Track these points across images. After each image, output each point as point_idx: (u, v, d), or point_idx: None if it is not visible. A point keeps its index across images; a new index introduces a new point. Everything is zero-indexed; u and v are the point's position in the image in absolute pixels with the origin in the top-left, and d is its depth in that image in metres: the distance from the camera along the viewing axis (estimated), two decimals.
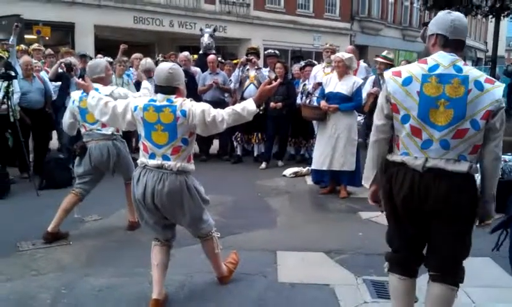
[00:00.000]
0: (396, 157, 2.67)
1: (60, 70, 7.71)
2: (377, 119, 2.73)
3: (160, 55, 10.87)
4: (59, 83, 7.68)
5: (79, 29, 17.99)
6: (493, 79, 2.58)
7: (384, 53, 7.98)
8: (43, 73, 7.91)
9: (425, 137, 2.54)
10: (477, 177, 2.63)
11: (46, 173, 6.81)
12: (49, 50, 9.74)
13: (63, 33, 18.15)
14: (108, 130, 4.81)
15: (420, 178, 2.56)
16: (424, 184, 2.55)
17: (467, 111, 2.47)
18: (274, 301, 3.59)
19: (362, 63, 8.85)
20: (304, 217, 5.72)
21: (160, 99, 3.31)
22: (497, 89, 2.50)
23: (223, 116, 3.32)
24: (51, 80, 7.72)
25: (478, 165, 2.61)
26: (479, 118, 2.47)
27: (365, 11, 28.15)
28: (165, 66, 3.40)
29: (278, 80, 3.73)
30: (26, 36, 15.30)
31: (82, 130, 4.86)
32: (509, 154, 6.08)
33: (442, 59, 2.55)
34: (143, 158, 3.39)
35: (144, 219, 3.51)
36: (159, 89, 3.35)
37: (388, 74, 2.69)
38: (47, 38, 15.44)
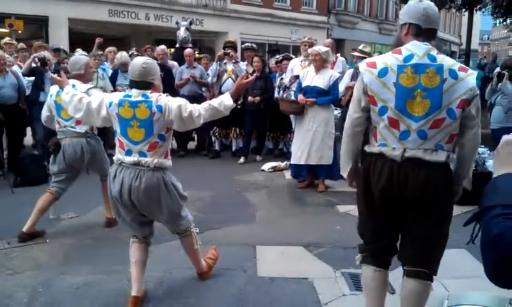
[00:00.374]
0: (374, 148, 2.66)
1: (34, 65, 7.56)
2: (353, 112, 2.71)
3: (134, 49, 10.73)
4: (32, 78, 7.54)
5: (53, 22, 17.67)
6: (466, 67, 2.59)
7: (360, 47, 8.05)
8: (15, 68, 7.76)
9: (403, 128, 2.54)
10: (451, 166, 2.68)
11: (20, 169, 6.69)
12: (22, 44, 9.54)
13: (37, 27, 17.82)
14: (82, 128, 4.73)
15: (399, 167, 2.55)
16: (402, 173, 2.55)
17: (443, 101, 2.48)
18: (254, 296, 3.61)
19: (340, 57, 8.90)
20: (282, 212, 5.75)
21: (136, 94, 3.25)
22: (471, 77, 2.52)
23: (200, 111, 3.29)
24: (24, 75, 7.56)
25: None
26: (454, 106, 2.48)
27: (341, 4, 28.31)
28: (139, 61, 3.36)
29: (255, 74, 3.73)
30: None
31: (57, 127, 4.78)
32: (483, 146, 6.20)
33: (416, 48, 2.55)
34: (119, 155, 3.34)
35: (121, 216, 3.48)
36: (133, 84, 3.30)
37: (362, 66, 2.66)
38: (19, 32, 15.15)
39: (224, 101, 3.33)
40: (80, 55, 6.11)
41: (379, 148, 2.63)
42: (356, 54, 7.88)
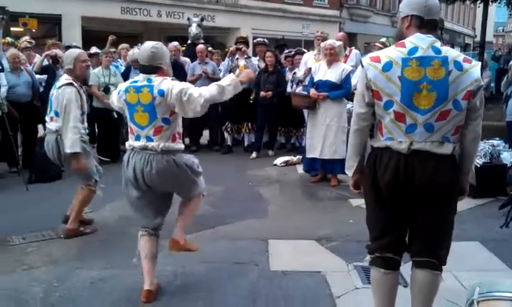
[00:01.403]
0: (380, 143, 2.63)
1: (46, 63, 7.64)
2: (358, 107, 2.68)
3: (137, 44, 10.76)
4: (44, 76, 7.61)
5: (66, 20, 17.81)
6: (470, 59, 2.55)
7: (383, 40, 8.05)
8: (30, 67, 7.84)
9: (409, 121, 2.51)
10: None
11: (35, 167, 6.75)
12: (25, 43, 9.60)
13: (50, 25, 17.97)
14: (53, 126, 4.59)
15: (406, 160, 2.53)
16: (409, 166, 2.52)
17: (449, 92, 2.45)
18: (266, 289, 3.61)
19: (354, 50, 8.85)
20: (295, 206, 5.75)
21: (141, 79, 3.31)
22: (475, 68, 2.49)
23: (201, 92, 3.27)
24: (36, 73, 7.64)
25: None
26: (460, 98, 2.46)
27: None
28: (148, 45, 3.39)
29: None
30: (12, 29, 15.11)
31: None
32: (498, 139, 6.13)
33: (420, 41, 2.51)
34: (130, 141, 3.43)
35: (135, 203, 3.52)
36: (142, 68, 3.37)
37: (366, 60, 2.62)
38: (33, 31, 15.26)
39: (229, 84, 3.35)
40: (73, 48, 5.75)
41: (386, 142, 2.60)
42: (378, 44, 7.87)
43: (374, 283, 2.90)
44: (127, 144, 3.48)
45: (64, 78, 4.56)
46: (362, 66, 2.64)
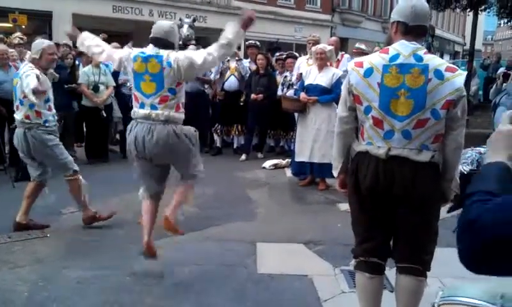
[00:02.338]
0: (361, 147, 2.68)
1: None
2: (341, 111, 2.76)
3: (131, 42, 10.71)
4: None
5: (56, 17, 17.66)
6: (455, 67, 2.55)
7: (357, 44, 8.10)
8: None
9: (387, 127, 2.54)
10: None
11: (22, 164, 6.68)
12: (18, 39, 9.52)
13: (40, 22, 17.79)
14: (18, 115, 4.53)
15: (384, 164, 2.55)
16: (388, 170, 2.55)
17: (427, 101, 2.46)
18: (253, 292, 3.61)
19: (346, 55, 8.90)
20: (283, 209, 5.75)
21: (149, 50, 3.49)
22: (458, 78, 2.47)
23: (212, 52, 3.52)
24: None
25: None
26: (439, 107, 2.46)
27: (345, 3, 28.21)
28: (166, 22, 3.74)
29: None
30: (1, 25, 14.98)
31: None
32: (485, 146, 6.17)
33: (403, 48, 2.53)
34: (134, 109, 3.56)
35: (137, 169, 3.70)
36: (154, 41, 3.53)
37: (351, 65, 2.68)
38: (23, 27, 15.13)
39: (232, 31, 3.57)
40: (42, 39, 5.64)
41: (366, 146, 2.64)
42: (356, 51, 7.92)
43: (359, 287, 2.92)
44: (131, 112, 3.61)
45: (28, 67, 4.48)
46: (349, 70, 2.69)
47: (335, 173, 2.95)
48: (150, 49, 3.50)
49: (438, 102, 2.46)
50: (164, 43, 3.50)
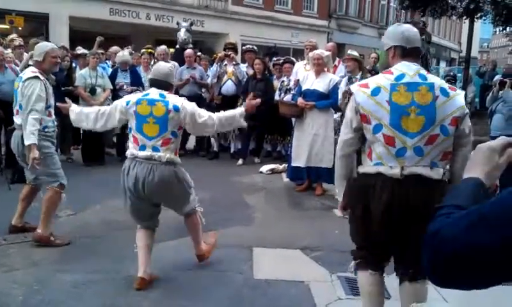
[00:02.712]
0: (369, 168, 2.66)
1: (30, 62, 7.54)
2: (345, 134, 2.76)
3: (127, 46, 10.71)
4: None
5: (53, 20, 17.63)
6: (454, 87, 2.71)
7: (349, 51, 8.12)
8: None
9: (399, 145, 2.56)
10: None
11: (18, 166, 6.65)
12: (19, 41, 9.50)
13: (37, 24, 17.76)
14: (18, 119, 4.48)
15: (400, 184, 2.56)
16: (404, 189, 2.55)
17: (437, 116, 2.54)
18: (249, 298, 3.61)
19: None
20: (280, 214, 5.75)
21: (154, 93, 3.59)
22: (459, 96, 2.61)
23: (214, 119, 3.69)
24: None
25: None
26: (447, 123, 2.54)
27: (342, 9, 28.29)
28: (166, 64, 4.01)
29: (258, 100, 4.14)
30: None
31: None
32: None
33: (407, 68, 2.62)
34: (133, 150, 3.58)
35: (132, 208, 3.70)
36: (154, 83, 3.66)
37: (355, 87, 2.72)
38: (20, 29, 15.10)
39: (237, 114, 3.80)
40: (45, 42, 5.37)
41: (376, 167, 2.63)
42: (346, 57, 7.93)
43: (361, 286, 2.93)
44: (128, 153, 3.63)
45: (30, 71, 4.44)
46: (351, 93, 2.71)
47: (339, 197, 2.95)
48: (154, 93, 3.61)
49: (447, 117, 2.54)
50: (164, 85, 3.65)
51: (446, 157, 2.61)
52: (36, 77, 4.37)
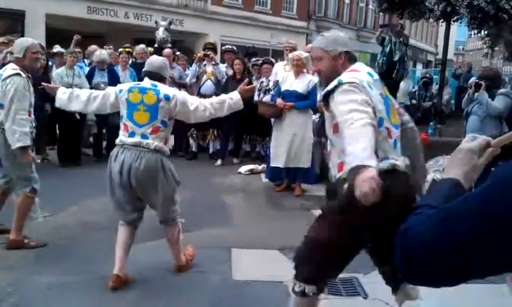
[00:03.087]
0: (379, 164, 2.30)
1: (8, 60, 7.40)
2: (365, 109, 2.34)
3: (108, 47, 10.60)
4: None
5: (29, 17, 17.34)
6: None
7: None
8: None
9: (394, 137, 2.59)
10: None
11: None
12: (2, 39, 9.31)
13: (13, 21, 17.45)
14: None
15: (409, 179, 2.52)
16: (412, 184, 2.54)
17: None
18: (228, 299, 3.60)
19: None
20: (259, 215, 5.75)
21: (146, 82, 3.65)
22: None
23: (206, 105, 3.72)
24: None
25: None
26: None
27: (321, 10, 28.48)
28: (159, 57, 4.04)
29: (253, 85, 4.20)
30: None
31: None
32: None
33: (364, 67, 2.72)
34: (122, 137, 3.61)
35: (115, 198, 3.67)
36: (147, 74, 3.71)
37: (358, 77, 2.57)
38: None
39: (233, 99, 3.81)
40: (25, 38, 5.32)
41: (388, 162, 2.45)
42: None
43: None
44: (117, 140, 3.65)
45: (11, 68, 4.28)
46: (352, 83, 2.47)
47: (371, 162, 2.13)
48: (147, 82, 3.66)
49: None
50: (158, 77, 3.69)
51: None
52: (18, 74, 4.24)
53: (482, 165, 1.24)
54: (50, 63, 8.52)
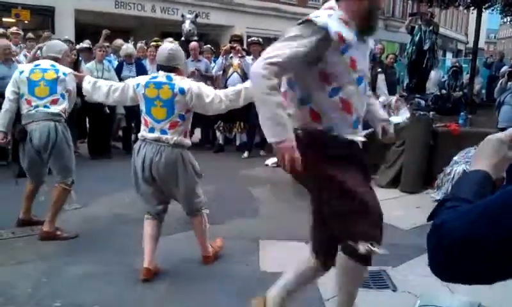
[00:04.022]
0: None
1: (39, 54, 7.55)
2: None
3: (131, 38, 10.74)
4: None
5: (59, 13, 17.66)
6: None
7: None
8: (21, 58, 7.75)
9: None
10: None
11: None
12: (30, 34, 9.54)
13: (43, 17, 17.80)
14: (56, 109, 4.38)
15: None
16: None
17: None
18: (255, 290, 3.60)
19: None
20: (286, 206, 5.74)
21: (161, 76, 3.61)
22: None
23: (221, 97, 3.64)
24: None
25: None
26: None
27: None
28: (166, 47, 3.86)
29: None
30: (4, 20, 14.98)
31: (24, 107, 4.47)
32: None
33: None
34: (143, 132, 3.65)
35: (140, 191, 3.73)
36: (160, 67, 3.68)
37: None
38: (26, 22, 15.13)
39: (248, 87, 3.58)
40: (60, 42, 5.43)
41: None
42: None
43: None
44: (139, 135, 3.70)
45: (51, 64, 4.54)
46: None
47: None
48: (162, 75, 3.63)
49: None
50: (168, 69, 3.64)
51: None
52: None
53: None
54: (79, 58, 8.67)
